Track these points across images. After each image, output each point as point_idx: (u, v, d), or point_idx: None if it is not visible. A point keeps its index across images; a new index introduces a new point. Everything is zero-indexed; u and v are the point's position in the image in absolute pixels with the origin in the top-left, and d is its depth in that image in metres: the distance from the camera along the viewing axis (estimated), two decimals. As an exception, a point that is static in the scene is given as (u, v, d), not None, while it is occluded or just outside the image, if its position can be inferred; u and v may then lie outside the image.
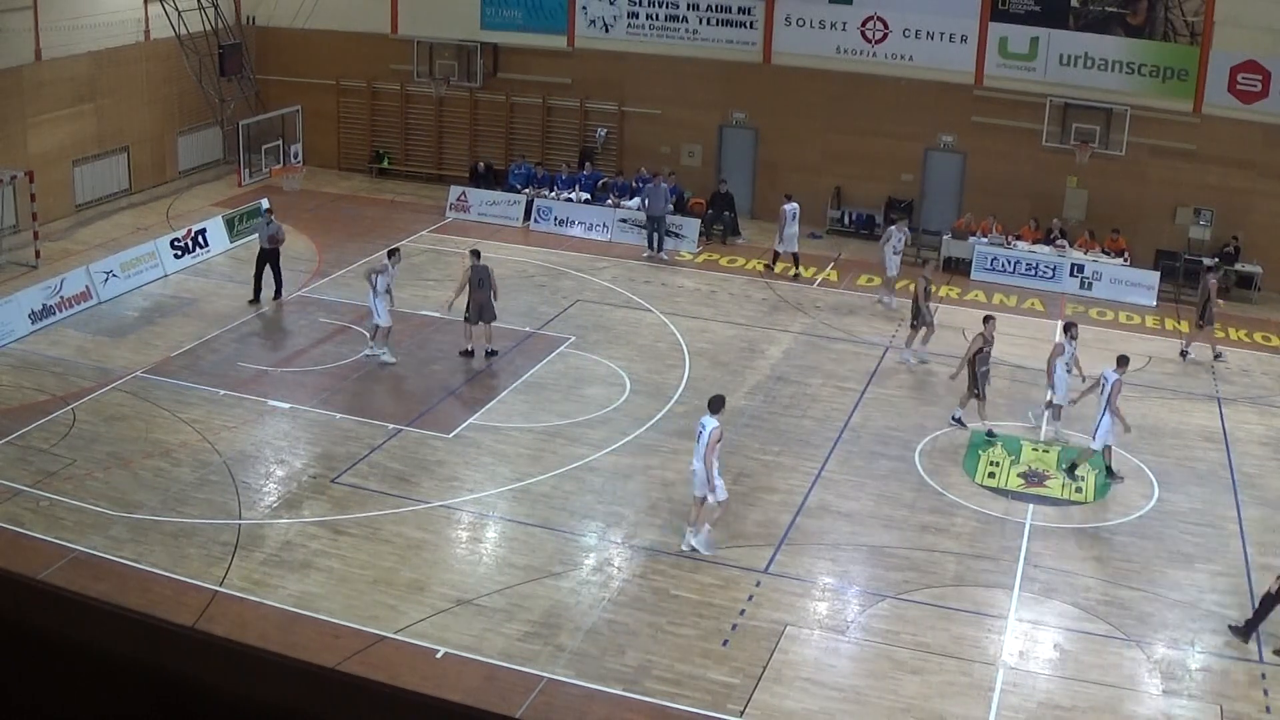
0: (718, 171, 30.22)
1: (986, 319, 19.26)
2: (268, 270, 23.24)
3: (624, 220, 28.39)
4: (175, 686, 2.29)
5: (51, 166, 26.87)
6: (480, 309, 20.69)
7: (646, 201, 27.26)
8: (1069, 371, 18.77)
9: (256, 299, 23.13)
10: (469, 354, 20.93)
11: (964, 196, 28.77)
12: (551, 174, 30.31)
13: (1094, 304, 25.52)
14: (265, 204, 26.30)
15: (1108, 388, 17.33)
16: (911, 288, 22.40)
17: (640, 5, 30.17)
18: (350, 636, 13.10)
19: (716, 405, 15.29)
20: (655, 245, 27.13)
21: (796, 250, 26.33)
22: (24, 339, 21.03)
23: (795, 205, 26.23)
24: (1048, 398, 19.04)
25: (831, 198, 29.55)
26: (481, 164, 31.09)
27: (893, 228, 25.02)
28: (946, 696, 12.61)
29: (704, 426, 14.99)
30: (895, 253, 24.49)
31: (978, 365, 18.67)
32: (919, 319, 21.55)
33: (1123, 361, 17.91)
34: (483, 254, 21.46)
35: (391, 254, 21.37)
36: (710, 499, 14.96)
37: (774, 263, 26.53)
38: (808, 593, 14.55)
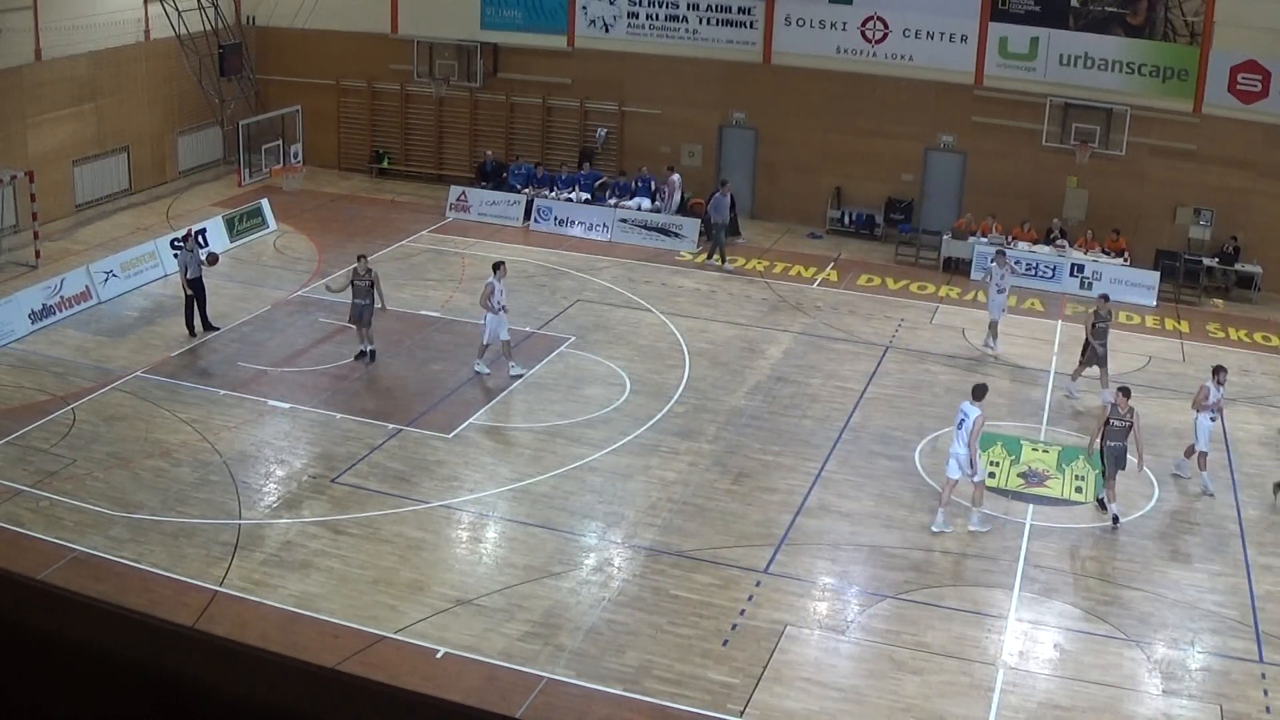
0: (718, 171, 30.22)
1: (1121, 390, 16.69)
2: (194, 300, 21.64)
3: (624, 220, 28.40)
4: (175, 686, 2.29)
5: (51, 166, 26.88)
6: (361, 311, 20.37)
7: (710, 213, 26.87)
8: (1212, 419, 17.31)
9: (193, 331, 21.58)
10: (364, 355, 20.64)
11: (964, 196, 28.77)
12: (552, 174, 30.32)
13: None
14: (192, 230, 23.83)
15: None
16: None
17: (640, 5, 30.17)
18: (350, 636, 13.09)
19: (979, 392, 15.88)
20: (721, 257, 26.59)
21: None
22: (24, 339, 21.04)
23: (679, 176, 28.37)
24: (1196, 447, 17.44)
25: (831, 198, 29.55)
26: (490, 153, 30.97)
27: (992, 264, 22.56)
28: (946, 696, 12.60)
29: (966, 414, 15.63)
30: (1000, 291, 22.06)
31: (1106, 439, 16.33)
32: (1089, 352, 19.99)
33: None
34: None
35: (496, 268, 20.22)
36: (973, 479, 15.64)
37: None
38: (808, 593, 14.55)
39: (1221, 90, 26.24)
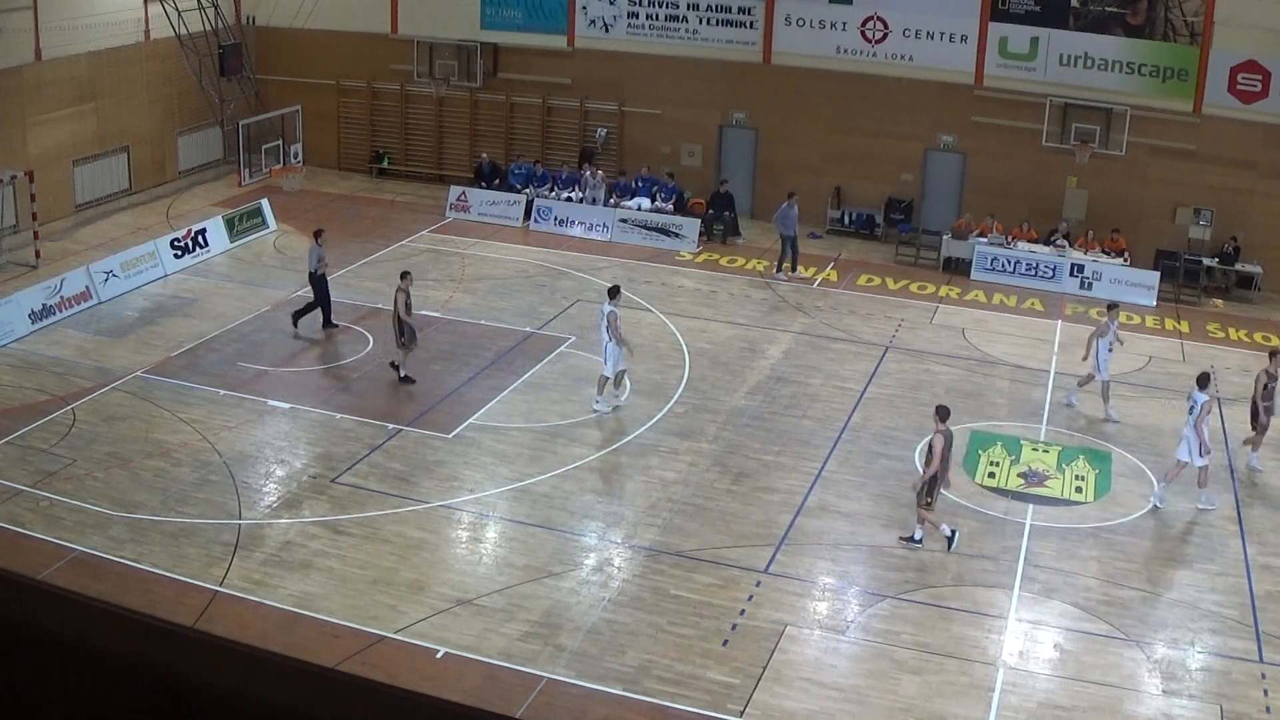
0: (718, 171, 30.23)
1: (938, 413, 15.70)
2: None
3: (624, 220, 28.40)
4: (175, 686, 2.29)
5: (51, 166, 26.88)
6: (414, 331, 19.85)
7: (777, 224, 26.25)
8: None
9: (333, 324, 22.00)
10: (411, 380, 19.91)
11: (964, 196, 28.77)
12: (553, 173, 30.31)
13: (1094, 304, 25.44)
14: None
15: None
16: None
17: (640, 5, 30.17)
18: (350, 636, 13.10)
19: (1204, 381, 17.16)
20: (792, 267, 26.07)
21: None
22: (24, 339, 21.04)
23: (593, 169, 29.51)
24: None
25: (831, 198, 29.55)
26: (485, 155, 30.96)
27: (1106, 319, 19.86)
28: (946, 696, 12.60)
29: (1195, 400, 16.76)
30: (1109, 350, 19.42)
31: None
32: (1260, 416, 18.21)
33: None
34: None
35: (613, 293, 19.26)
36: (1196, 462, 16.61)
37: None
38: (808, 593, 14.55)
39: (1221, 90, 26.24)
